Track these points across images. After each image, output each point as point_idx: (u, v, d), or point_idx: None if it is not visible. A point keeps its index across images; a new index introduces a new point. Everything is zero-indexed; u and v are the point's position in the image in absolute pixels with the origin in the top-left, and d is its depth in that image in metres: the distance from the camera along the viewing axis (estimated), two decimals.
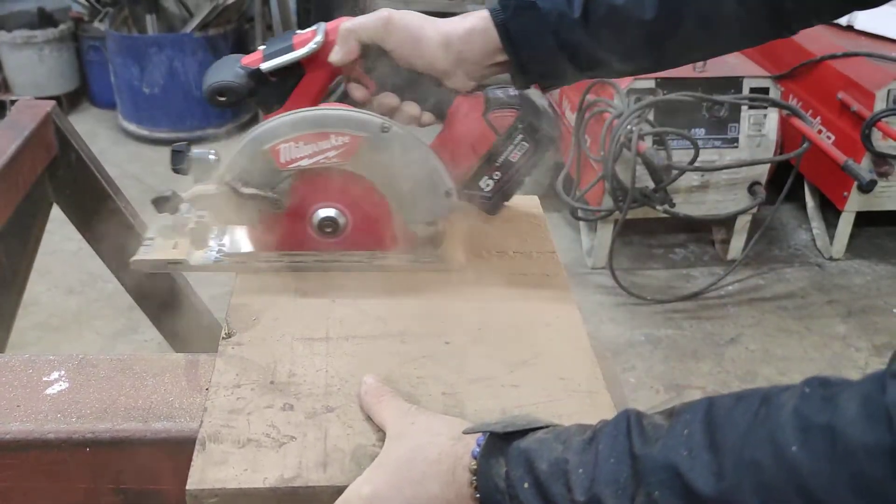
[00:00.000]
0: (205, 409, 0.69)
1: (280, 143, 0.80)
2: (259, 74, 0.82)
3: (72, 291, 2.46)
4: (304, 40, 0.81)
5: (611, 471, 0.51)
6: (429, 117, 0.84)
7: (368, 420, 0.68)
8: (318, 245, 0.88)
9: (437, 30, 0.78)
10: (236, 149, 0.81)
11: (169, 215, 0.87)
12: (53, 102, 1.26)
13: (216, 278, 0.95)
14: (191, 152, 0.85)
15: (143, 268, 0.87)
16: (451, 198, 0.84)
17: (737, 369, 2.32)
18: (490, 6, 0.78)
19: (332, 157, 0.81)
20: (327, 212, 0.85)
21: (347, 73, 0.84)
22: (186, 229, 0.89)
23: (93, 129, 3.62)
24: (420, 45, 0.78)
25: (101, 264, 1.38)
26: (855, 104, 2.57)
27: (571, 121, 2.71)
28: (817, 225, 2.96)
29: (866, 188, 2.28)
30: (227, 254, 0.88)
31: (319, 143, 0.80)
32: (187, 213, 0.90)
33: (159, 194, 0.83)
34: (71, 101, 3.86)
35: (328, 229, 0.86)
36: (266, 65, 0.81)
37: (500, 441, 0.58)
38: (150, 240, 0.90)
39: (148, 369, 0.74)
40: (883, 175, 2.61)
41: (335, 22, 0.81)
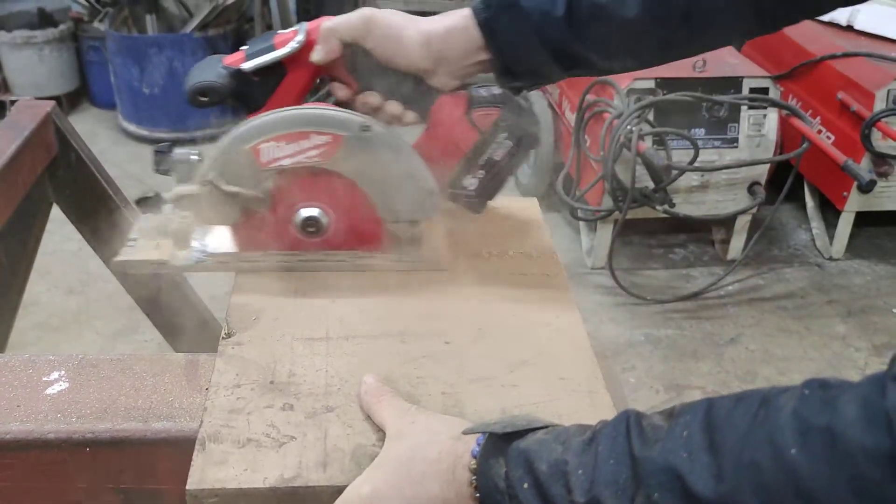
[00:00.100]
0: (205, 409, 0.69)
1: (261, 142, 0.80)
2: (241, 74, 0.81)
3: (72, 291, 2.46)
4: (286, 40, 0.81)
5: (610, 472, 0.51)
6: (412, 116, 0.83)
7: (368, 420, 0.68)
8: (302, 245, 0.87)
9: (417, 29, 0.78)
10: (217, 148, 0.81)
11: (152, 216, 0.87)
12: (53, 102, 1.26)
13: (216, 278, 0.95)
14: (173, 153, 0.85)
15: (125, 269, 0.88)
16: (434, 197, 0.84)
17: (737, 369, 2.32)
18: (472, 4, 0.77)
19: (313, 157, 0.81)
20: (310, 211, 0.85)
21: (330, 73, 0.83)
22: (169, 230, 0.89)
23: (93, 130, 3.62)
24: (400, 44, 0.78)
25: (101, 264, 1.37)
26: (855, 104, 2.57)
27: (571, 121, 2.71)
28: (817, 225, 2.96)
29: (866, 188, 2.28)
30: (209, 254, 0.88)
31: (300, 142, 0.80)
32: (171, 213, 0.89)
33: (143, 195, 0.84)
34: (71, 101, 3.86)
35: (311, 229, 0.86)
36: (247, 64, 0.81)
37: (499, 441, 0.58)
38: (134, 241, 0.90)
39: (148, 369, 0.74)
40: (882, 175, 2.62)
41: (317, 21, 0.81)
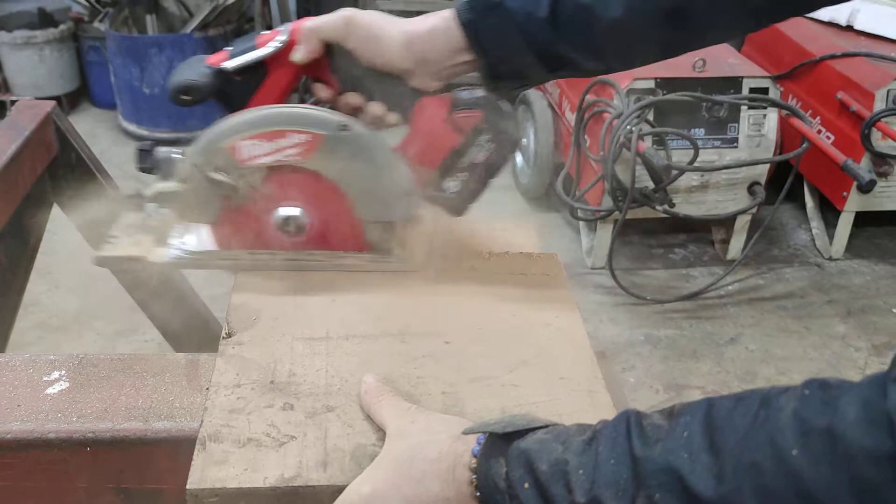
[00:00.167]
0: (205, 409, 0.69)
1: (239, 139, 0.80)
2: (223, 74, 0.81)
3: (72, 291, 2.46)
4: (268, 40, 0.81)
5: (611, 472, 0.51)
6: (394, 117, 0.83)
7: (368, 419, 0.68)
8: (281, 244, 0.88)
9: (398, 29, 0.78)
10: (197, 145, 0.82)
11: (135, 213, 0.88)
12: (53, 103, 1.26)
13: (216, 278, 0.95)
14: (156, 151, 0.85)
15: (103, 264, 0.88)
16: (413, 198, 0.84)
17: (736, 369, 2.32)
18: (455, 5, 0.77)
19: (291, 155, 0.81)
20: (289, 211, 0.85)
21: (312, 73, 0.83)
22: (149, 227, 0.89)
23: (93, 130, 3.62)
24: (381, 45, 0.78)
25: None
26: (854, 104, 2.58)
27: (571, 121, 2.71)
28: (817, 225, 2.96)
29: (865, 188, 2.28)
30: (188, 252, 0.88)
31: (278, 140, 0.80)
32: (152, 211, 0.89)
33: (127, 192, 0.85)
34: (71, 101, 3.87)
35: (290, 228, 0.86)
36: (229, 64, 0.81)
37: (499, 441, 0.58)
38: (115, 237, 0.90)
39: (148, 369, 0.74)
40: (882, 175, 2.62)
41: (299, 22, 0.81)
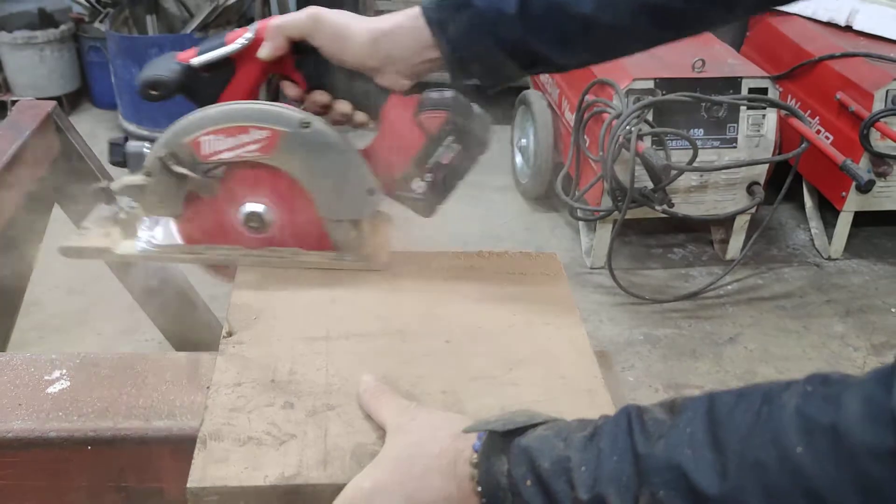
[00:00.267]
0: (206, 408, 0.69)
1: (201, 135, 0.81)
2: (190, 70, 0.82)
3: (73, 292, 2.46)
4: (236, 37, 0.81)
5: (613, 469, 0.51)
6: (362, 116, 0.83)
7: (368, 418, 0.69)
8: (245, 240, 0.88)
9: (365, 27, 0.78)
10: (162, 139, 0.82)
11: (107, 206, 0.89)
12: (54, 103, 1.27)
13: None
14: (127, 145, 0.86)
15: (69, 255, 0.89)
16: (375, 196, 0.84)
17: (735, 368, 2.32)
18: (422, 3, 0.77)
19: (252, 151, 0.81)
20: (252, 206, 0.86)
21: (279, 71, 0.84)
22: (119, 219, 0.90)
23: (93, 130, 3.62)
24: (347, 42, 0.78)
25: (101, 264, 1.37)
26: (853, 104, 2.58)
27: (571, 121, 2.71)
28: (816, 225, 2.96)
29: (864, 188, 2.29)
30: (155, 245, 0.89)
31: (240, 136, 0.81)
32: (124, 203, 0.90)
33: (97, 187, 0.87)
34: (72, 101, 3.87)
35: (254, 224, 0.86)
36: (196, 60, 0.81)
37: (500, 438, 0.58)
38: (86, 228, 0.91)
39: (149, 368, 0.75)
40: (881, 175, 2.62)
41: (268, 19, 0.81)
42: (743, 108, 2.53)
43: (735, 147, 2.55)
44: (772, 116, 2.54)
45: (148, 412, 0.69)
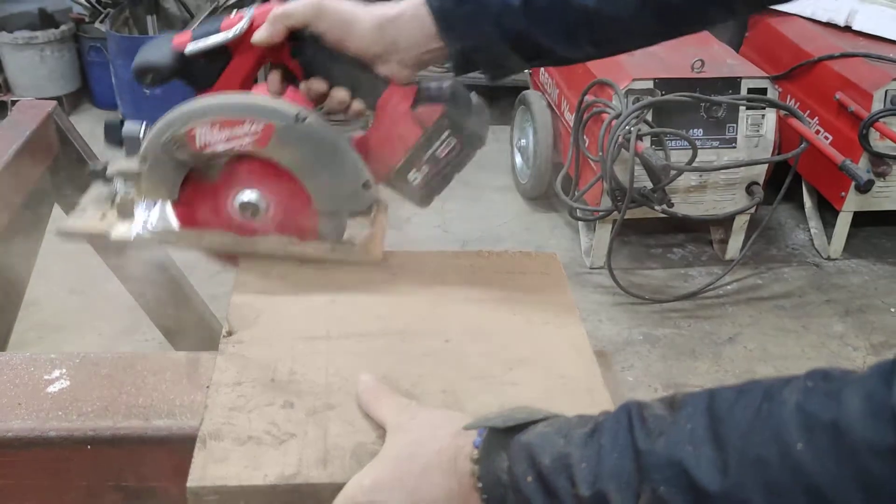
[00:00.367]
0: (206, 407, 0.69)
1: (196, 125, 0.81)
2: (184, 56, 0.81)
3: (73, 291, 2.46)
4: (231, 24, 0.80)
5: (614, 465, 0.50)
6: (359, 105, 0.82)
7: (368, 418, 0.69)
8: (240, 228, 0.88)
9: (370, 13, 0.78)
10: (158, 126, 0.82)
11: (105, 186, 0.88)
12: (54, 103, 1.27)
13: (217, 277, 0.95)
14: (124, 127, 0.86)
15: (65, 237, 0.88)
16: (369, 190, 0.84)
17: (735, 368, 2.32)
18: None
19: (246, 144, 0.81)
20: (248, 195, 0.85)
21: (275, 59, 0.83)
22: (115, 203, 0.89)
23: (94, 130, 3.56)
24: (353, 27, 0.78)
25: (102, 264, 1.38)
26: (852, 104, 2.58)
27: (570, 121, 2.71)
28: (815, 225, 2.96)
29: (864, 188, 2.29)
30: (150, 230, 0.88)
31: (234, 128, 0.80)
32: (122, 187, 0.89)
33: (93, 167, 0.87)
34: (72, 101, 3.86)
35: (248, 213, 0.86)
36: (190, 47, 0.81)
37: (500, 435, 0.58)
38: (82, 209, 0.91)
39: (149, 367, 0.75)
40: (880, 175, 2.62)
41: (266, 6, 0.80)
42: (742, 108, 2.53)
43: (734, 147, 2.55)
44: (771, 116, 2.55)
45: (148, 411, 0.69)
